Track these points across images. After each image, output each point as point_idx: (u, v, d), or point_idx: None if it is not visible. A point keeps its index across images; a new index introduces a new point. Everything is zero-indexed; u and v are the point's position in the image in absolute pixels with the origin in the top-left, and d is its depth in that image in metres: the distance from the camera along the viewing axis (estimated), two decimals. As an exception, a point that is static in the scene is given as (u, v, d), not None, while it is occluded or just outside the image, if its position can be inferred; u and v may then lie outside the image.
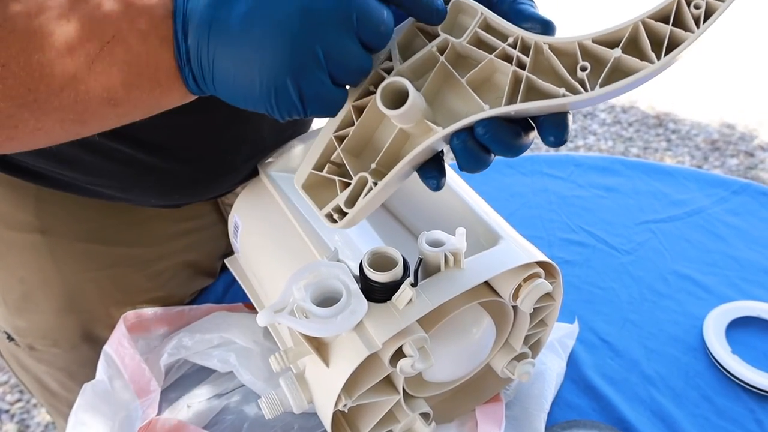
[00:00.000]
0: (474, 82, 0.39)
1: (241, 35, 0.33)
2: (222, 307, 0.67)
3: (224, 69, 0.34)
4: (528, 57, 0.37)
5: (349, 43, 0.35)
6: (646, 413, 0.61)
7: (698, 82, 2.54)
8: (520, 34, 0.37)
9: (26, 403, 1.44)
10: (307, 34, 0.33)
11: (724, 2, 0.35)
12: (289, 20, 0.33)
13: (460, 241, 0.47)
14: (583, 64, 0.36)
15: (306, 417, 0.58)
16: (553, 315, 0.57)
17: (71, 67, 0.33)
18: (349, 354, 0.45)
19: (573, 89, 0.36)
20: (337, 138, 0.41)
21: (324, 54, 0.34)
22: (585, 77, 0.36)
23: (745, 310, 0.70)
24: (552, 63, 0.37)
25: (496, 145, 0.38)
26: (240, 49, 0.34)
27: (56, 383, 0.71)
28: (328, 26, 0.34)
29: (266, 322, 0.43)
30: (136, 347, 0.61)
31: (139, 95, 0.36)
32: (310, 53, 0.34)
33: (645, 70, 0.34)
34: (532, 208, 0.87)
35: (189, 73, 0.36)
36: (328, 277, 0.46)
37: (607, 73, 0.35)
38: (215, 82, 0.35)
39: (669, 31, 0.35)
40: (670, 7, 0.35)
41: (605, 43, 0.36)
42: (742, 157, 2.16)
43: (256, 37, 0.33)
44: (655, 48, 0.35)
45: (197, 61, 0.35)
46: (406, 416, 0.52)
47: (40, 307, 0.64)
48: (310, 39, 0.34)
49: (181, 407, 0.59)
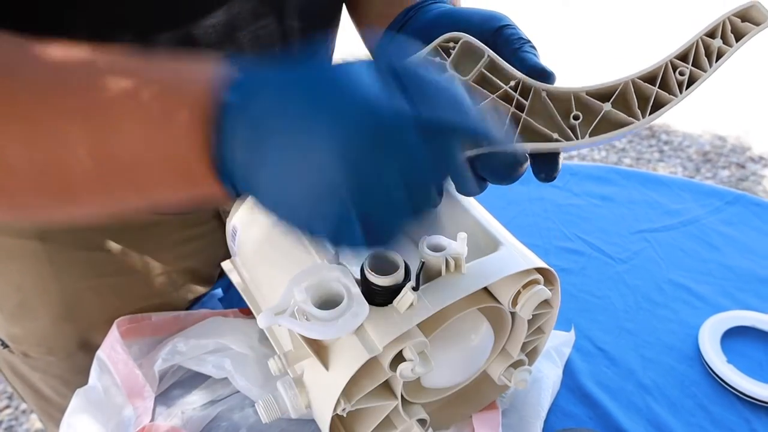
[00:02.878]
0: None
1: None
2: (217, 313, 0.67)
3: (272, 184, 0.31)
4: (527, 101, 0.40)
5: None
6: (641, 422, 0.61)
7: (691, 94, 2.56)
8: (521, 79, 0.40)
9: (15, 410, 1.42)
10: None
11: (705, 72, 0.41)
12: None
13: (461, 245, 0.47)
14: (576, 113, 0.40)
15: (301, 423, 0.58)
16: (550, 322, 0.57)
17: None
18: (349, 357, 0.44)
19: (565, 135, 0.40)
20: None
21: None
22: (576, 125, 0.40)
23: (740, 319, 0.70)
24: (548, 108, 0.40)
25: (491, 176, 0.41)
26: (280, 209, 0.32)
27: (50, 390, 0.70)
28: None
29: (267, 323, 0.43)
30: (130, 353, 0.60)
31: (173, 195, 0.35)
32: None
33: (630, 126, 0.39)
34: (529, 216, 0.87)
35: (228, 181, 0.32)
36: (329, 279, 0.45)
37: (597, 124, 0.40)
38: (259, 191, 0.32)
39: (655, 93, 0.40)
40: (657, 70, 0.40)
41: (597, 96, 0.40)
42: (734, 168, 2.18)
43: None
44: (641, 105, 0.40)
45: (241, 172, 0.31)
46: (403, 422, 0.52)
47: (37, 315, 0.64)
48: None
49: (175, 413, 0.59)
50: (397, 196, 0.30)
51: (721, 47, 0.42)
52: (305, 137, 0.29)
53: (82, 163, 0.31)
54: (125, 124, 0.31)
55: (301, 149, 0.29)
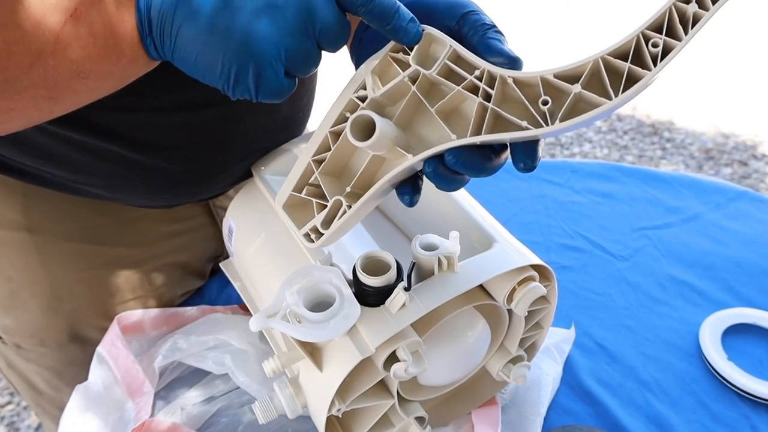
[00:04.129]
0: (443, 111, 0.40)
1: (209, 27, 0.35)
2: (217, 309, 0.67)
3: (186, 51, 0.37)
4: (493, 89, 0.38)
5: (308, 44, 0.37)
6: (641, 419, 0.61)
7: (694, 91, 2.55)
8: (486, 67, 0.38)
9: (17, 406, 1.43)
10: (272, 33, 0.36)
11: (680, 41, 0.35)
12: (257, 19, 0.35)
13: (453, 244, 0.47)
14: (545, 98, 0.37)
15: (300, 420, 0.58)
16: (548, 318, 0.57)
17: (38, 43, 0.34)
18: (342, 359, 0.45)
19: (535, 122, 0.37)
20: (315, 162, 0.42)
21: (284, 51, 0.36)
22: (546, 111, 0.37)
23: (741, 317, 0.70)
24: (515, 96, 0.38)
25: (466, 170, 0.40)
26: (205, 37, 0.36)
27: (44, 382, 0.71)
28: (291, 27, 0.36)
29: (259, 327, 0.43)
30: (130, 348, 0.60)
31: (106, 66, 0.37)
32: (272, 49, 0.36)
33: (603, 107, 0.36)
34: (530, 213, 0.87)
35: (151, 43, 0.37)
36: (321, 281, 0.45)
37: (568, 108, 0.37)
38: (175, 58, 0.37)
39: (627, 69, 0.36)
40: (629, 44, 0.36)
41: (566, 78, 0.37)
42: (736, 166, 2.17)
43: (221, 30, 0.35)
44: (615, 84, 0.36)
45: (159, 36, 0.37)
46: (401, 420, 0.52)
47: (28, 306, 0.64)
48: (274, 38, 0.36)
49: (175, 409, 0.59)
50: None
51: (697, 12, 0.36)
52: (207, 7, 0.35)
53: (12, 42, 0.34)
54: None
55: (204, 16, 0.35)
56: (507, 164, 0.98)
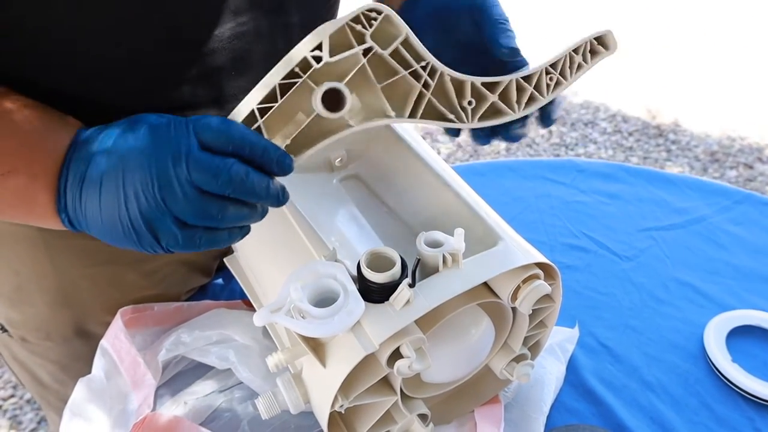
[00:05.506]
0: (387, 89, 0.45)
1: (103, 194, 0.39)
2: (221, 304, 0.67)
3: (93, 218, 0.40)
4: (433, 81, 0.45)
5: (189, 192, 0.38)
6: (645, 419, 0.61)
7: (700, 93, 2.55)
8: (431, 61, 0.44)
9: (20, 399, 1.43)
10: (154, 195, 0.38)
11: (567, 81, 0.51)
12: (133, 186, 0.38)
13: (458, 241, 0.47)
14: (470, 99, 0.47)
15: (303, 415, 0.58)
16: (552, 317, 0.57)
17: None
18: (345, 355, 0.44)
19: (458, 116, 0.47)
20: (260, 110, 0.42)
21: (165, 204, 0.38)
22: (469, 109, 0.47)
23: (745, 318, 0.70)
24: (448, 91, 0.46)
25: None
26: (102, 205, 0.39)
27: (48, 376, 0.71)
28: (169, 185, 0.38)
29: (263, 321, 0.43)
30: (133, 342, 0.60)
31: (15, 215, 0.45)
32: (155, 207, 0.38)
33: (507, 116, 0.49)
34: (534, 212, 0.87)
35: (66, 217, 0.42)
36: (325, 277, 0.45)
37: (484, 111, 0.48)
38: (88, 226, 0.41)
39: (530, 92, 0.50)
40: (535, 74, 0.49)
41: (488, 86, 0.47)
42: (742, 168, 2.16)
43: (112, 197, 0.39)
44: (519, 100, 0.49)
45: (73, 210, 0.41)
46: (403, 417, 0.51)
47: (34, 300, 0.64)
48: (155, 199, 0.38)
49: (178, 403, 0.59)
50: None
51: (581, 63, 0.52)
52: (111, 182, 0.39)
53: None
54: None
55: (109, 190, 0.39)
56: (513, 163, 0.97)
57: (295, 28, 0.57)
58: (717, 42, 2.87)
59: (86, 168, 0.40)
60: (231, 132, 0.39)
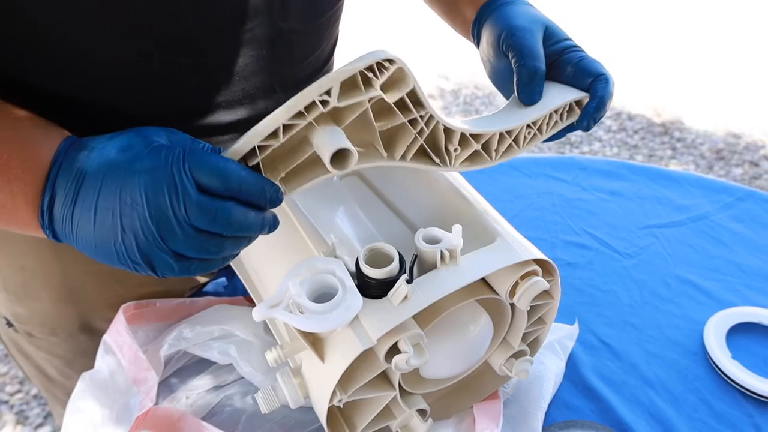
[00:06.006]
0: (384, 132, 0.46)
1: (97, 224, 0.39)
2: (222, 300, 0.67)
3: (85, 242, 0.40)
4: (428, 130, 0.47)
5: (187, 231, 0.38)
6: (644, 416, 0.61)
7: (705, 90, 2.54)
8: (430, 111, 0.46)
9: (26, 395, 1.44)
10: (153, 234, 0.38)
11: (542, 135, 0.57)
12: (131, 222, 0.38)
13: (456, 238, 0.47)
14: (456, 147, 0.49)
15: (303, 411, 0.58)
16: (551, 313, 0.57)
17: None
18: (343, 349, 0.45)
19: (443, 161, 0.50)
20: (260, 147, 0.42)
21: (164, 242, 0.38)
22: (453, 155, 0.50)
23: (746, 315, 0.70)
24: (439, 138, 0.49)
25: None
26: (96, 233, 0.39)
27: (54, 370, 0.71)
28: (167, 225, 0.38)
29: (262, 316, 0.43)
30: (136, 338, 0.61)
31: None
32: (153, 243, 0.38)
33: (486, 164, 0.53)
34: (536, 210, 0.87)
35: (50, 234, 0.41)
36: (324, 272, 0.46)
37: (467, 158, 0.51)
38: (78, 245, 0.41)
39: (509, 143, 0.54)
40: (517, 128, 0.53)
41: (475, 137, 0.50)
42: (747, 166, 2.15)
43: (107, 229, 0.38)
44: (499, 149, 0.53)
45: (61, 230, 0.40)
46: (402, 412, 0.52)
47: (40, 296, 0.65)
48: (153, 237, 0.38)
49: (179, 398, 0.59)
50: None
51: (557, 120, 0.57)
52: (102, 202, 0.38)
53: None
54: None
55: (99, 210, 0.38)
56: (514, 161, 0.97)
57: (300, 35, 0.57)
58: (722, 40, 2.86)
59: (77, 191, 0.39)
60: (229, 177, 0.38)
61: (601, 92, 0.56)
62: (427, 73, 2.63)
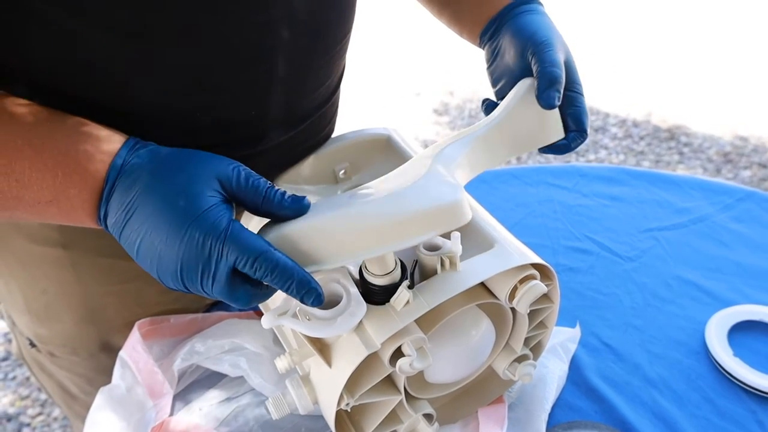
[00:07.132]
0: None
1: (140, 261, 0.44)
2: (232, 315, 0.69)
3: (142, 259, 0.44)
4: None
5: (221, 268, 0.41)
6: (647, 415, 0.62)
7: (710, 94, 2.54)
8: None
9: (47, 417, 1.46)
10: (184, 286, 0.43)
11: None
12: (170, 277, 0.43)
13: (455, 245, 0.49)
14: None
15: (314, 419, 0.60)
16: (552, 317, 0.58)
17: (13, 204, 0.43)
18: (349, 354, 0.47)
19: None
20: None
21: (203, 290, 0.43)
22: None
23: (747, 314, 0.71)
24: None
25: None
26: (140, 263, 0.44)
27: (76, 387, 0.74)
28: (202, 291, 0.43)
29: (270, 324, 0.45)
30: (151, 353, 0.63)
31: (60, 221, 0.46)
32: (192, 289, 0.43)
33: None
34: (537, 217, 0.88)
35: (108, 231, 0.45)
36: (329, 280, 0.48)
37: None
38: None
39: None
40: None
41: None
42: (756, 168, 2.15)
43: (149, 268, 0.44)
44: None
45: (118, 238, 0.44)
46: (409, 417, 0.53)
47: (61, 317, 0.67)
48: (192, 286, 0.43)
49: (193, 410, 0.61)
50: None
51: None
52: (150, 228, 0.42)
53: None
54: (33, 176, 0.42)
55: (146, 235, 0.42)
56: (516, 170, 0.99)
57: (312, 69, 0.59)
58: (724, 43, 2.87)
59: (123, 225, 0.43)
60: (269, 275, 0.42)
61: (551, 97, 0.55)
62: (433, 88, 2.65)
